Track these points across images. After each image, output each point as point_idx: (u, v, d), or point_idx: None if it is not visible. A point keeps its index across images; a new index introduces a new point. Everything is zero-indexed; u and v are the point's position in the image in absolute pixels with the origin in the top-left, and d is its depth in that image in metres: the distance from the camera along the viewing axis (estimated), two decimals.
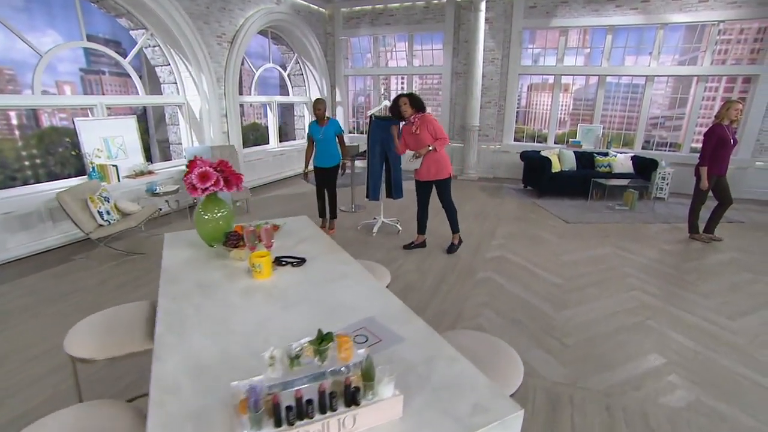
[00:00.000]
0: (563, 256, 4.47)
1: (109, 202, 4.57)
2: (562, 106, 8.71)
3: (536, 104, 9.29)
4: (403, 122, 4.24)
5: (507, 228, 5.46)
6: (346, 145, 6.14)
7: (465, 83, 8.55)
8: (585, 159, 7.52)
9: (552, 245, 4.83)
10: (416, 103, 4.09)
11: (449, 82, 8.90)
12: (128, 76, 8.14)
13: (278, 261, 1.81)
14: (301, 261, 1.81)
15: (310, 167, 5.02)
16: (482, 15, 7.77)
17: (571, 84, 8.69)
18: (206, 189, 1.88)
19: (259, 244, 1.87)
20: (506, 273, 4.02)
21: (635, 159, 7.25)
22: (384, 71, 9.89)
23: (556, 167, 7.13)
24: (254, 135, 10.53)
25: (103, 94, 6.80)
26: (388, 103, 4.85)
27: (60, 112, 5.50)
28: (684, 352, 2.74)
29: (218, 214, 2.00)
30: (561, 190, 7.12)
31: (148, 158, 7.95)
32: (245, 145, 9.19)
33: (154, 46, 6.24)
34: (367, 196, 4.92)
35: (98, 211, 4.40)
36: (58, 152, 6.09)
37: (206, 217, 1.98)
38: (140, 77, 7.57)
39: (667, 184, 6.93)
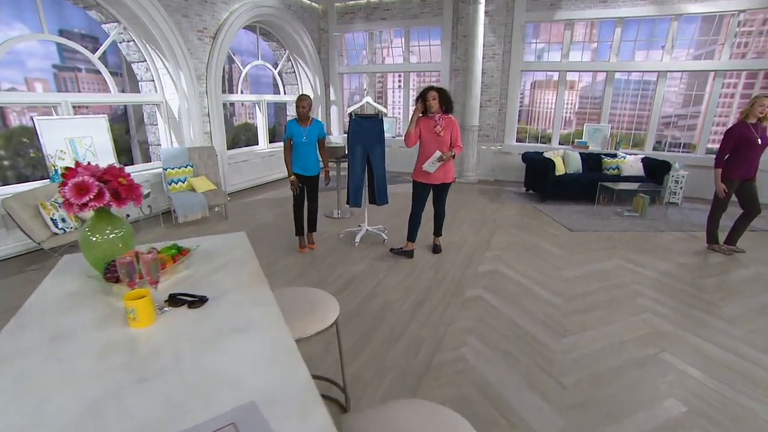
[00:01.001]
0: (565, 271, 3.99)
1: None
2: (567, 104, 8.21)
3: (540, 103, 8.79)
4: (421, 115, 3.93)
5: (504, 237, 4.98)
6: (333, 146, 5.72)
7: (464, 80, 8.08)
8: (591, 161, 7.02)
9: (553, 257, 4.35)
10: (447, 101, 3.83)
11: (448, 79, 8.44)
12: (112, 74, 7.84)
13: (173, 299, 1.37)
14: (201, 300, 1.37)
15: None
16: (482, 8, 7.29)
17: (577, 81, 8.18)
18: (85, 205, 1.44)
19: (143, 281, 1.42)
20: (499, 291, 3.54)
21: (646, 161, 6.73)
22: (380, 68, 9.44)
23: (560, 170, 6.64)
24: (246, 135, 10.14)
25: (79, 91, 6.43)
26: (370, 99, 4.41)
27: (30, 110, 5.09)
28: (708, 396, 2.26)
29: (112, 235, 1.56)
30: (565, 194, 6.62)
31: (130, 160, 7.62)
32: (236, 145, 8.82)
33: (128, 41, 5.85)
34: (347, 202, 4.47)
35: (51, 219, 4.01)
36: (28, 154, 5.70)
37: (94, 239, 1.54)
38: (119, 75, 7.23)
39: (681, 188, 6.41)
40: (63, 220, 4.08)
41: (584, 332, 2.90)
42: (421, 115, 3.90)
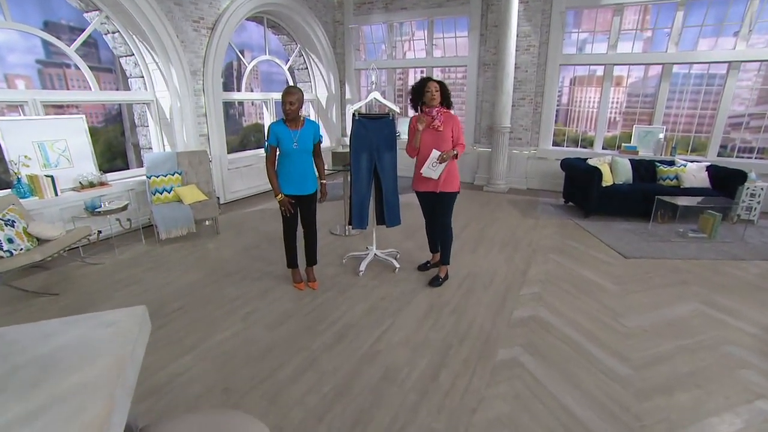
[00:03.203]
0: (626, 318, 3.06)
1: (14, 226, 3.51)
2: (613, 103, 7.17)
3: (580, 101, 7.75)
4: (418, 113, 3.35)
5: (543, 265, 4.07)
6: (344, 151, 4.92)
7: (494, 76, 7.15)
8: (644, 169, 5.99)
9: (607, 296, 3.42)
10: (446, 94, 3.31)
11: (475, 75, 7.52)
12: (103, 70, 7.21)
13: None
14: None
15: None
16: None
17: (626, 76, 7.11)
18: None
19: None
20: (542, 351, 2.66)
21: (712, 169, 5.65)
22: (400, 64, 8.60)
23: (607, 180, 5.64)
24: (255, 137, 9.48)
25: (68, 89, 5.84)
26: (378, 95, 3.58)
27: (10, 110, 4.51)
28: None
29: None
30: (613, 208, 5.62)
31: (125, 165, 7.04)
32: (245, 148, 8.14)
33: (113, 32, 5.22)
34: (349, 223, 3.65)
35: None
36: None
37: None
38: (111, 71, 6.63)
39: (759, 202, 5.32)
40: (10, 241, 3.42)
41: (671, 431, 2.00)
42: (416, 114, 3.33)
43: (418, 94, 3.26)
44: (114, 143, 6.90)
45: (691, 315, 3.12)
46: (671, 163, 5.84)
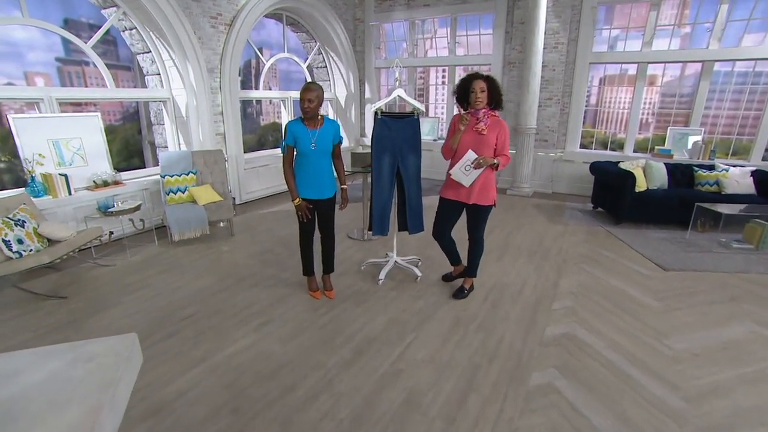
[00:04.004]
0: (672, 339, 2.78)
1: (24, 226, 3.40)
2: (645, 103, 6.81)
3: (610, 102, 7.40)
4: (461, 112, 3.02)
5: (575, 276, 3.79)
6: (363, 152, 4.71)
7: (520, 75, 6.87)
8: (680, 173, 5.63)
9: (648, 313, 3.13)
10: (496, 95, 2.89)
11: (500, 74, 7.23)
12: (121, 68, 7.16)
13: None
14: None
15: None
16: None
17: (661, 75, 6.74)
18: None
19: None
20: (579, 375, 2.40)
21: (757, 174, 5.26)
22: (422, 62, 8.36)
23: (640, 185, 5.31)
24: (273, 136, 9.39)
25: (86, 87, 5.78)
26: (402, 92, 3.36)
27: (29, 108, 4.44)
28: None
29: None
30: (647, 215, 5.28)
31: (142, 163, 6.98)
32: (263, 147, 8.01)
33: (131, 29, 5.12)
34: (369, 229, 3.44)
35: (3, 240, 3.25)
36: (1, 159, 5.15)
37: None
38: (129, 69, 6.57)
39: None
40: (19, 242, 3.31)
41: None
42: (462, 112, 2.99)
43: (464, 94, 2.93)
44: (131, 141, 6.87)
45: (747, 338, 2.81)
46: (711, 168, 5.47)
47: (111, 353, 1.01)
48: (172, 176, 4.68)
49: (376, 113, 3.20)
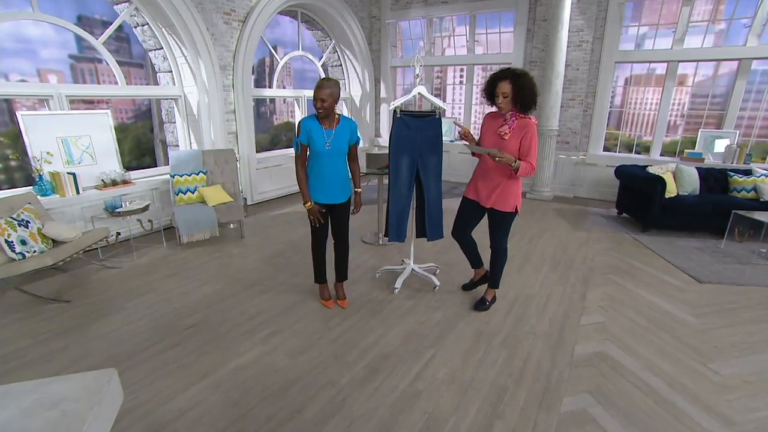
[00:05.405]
0: (717, 363, 2.53)
1: (28, 227, 3.29)
2: (674, 104, 6.49)
3: (636, 103, 7.09)
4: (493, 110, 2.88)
5: (603, 288, 3.55)
6: (378, 153, 4.52)
7: (542, 75, 6.60)
8: (713, 179, 5.32)
9: (687, 331, 2.88)
10: (523, 96, 2.62)
11: None
12: (134, 65, 7.06)
13: None
14: None
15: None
16: None
17: (692, 74, 6.42)
18: None
19: None
20: (616, 401, 2.17)
21: None
22: (439, 61, 8.14)
23: (670, 190, 5.01)
24: (287, 136, 9.26)
25: (99, 84, 5.70)
26: (423, 90, 3.16)
27: (41, 105, 4.34)
28: None
29: None
30: (677, 222, 4.99)
31: (153, 162, 6.89)
32: (275, 147, 7.88)
33: (142, 25, 5.01)
34: (386, 234, 3.25)
35: (6, 241, 3.13)
36: (8, 156, 5.07)
37: None
38: (141, 66, 6.49)
39: None
40: (23, 243, 3.20)
41: None
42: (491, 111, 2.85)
43: (490, 96, 2.76)
44: (143, 140, 6.79)
45: None
46: (747, 173, 5.16)
47: (82, 396, 0.83)
48: (182, 176, 4.55)
49: (394, 111, 3.01)
